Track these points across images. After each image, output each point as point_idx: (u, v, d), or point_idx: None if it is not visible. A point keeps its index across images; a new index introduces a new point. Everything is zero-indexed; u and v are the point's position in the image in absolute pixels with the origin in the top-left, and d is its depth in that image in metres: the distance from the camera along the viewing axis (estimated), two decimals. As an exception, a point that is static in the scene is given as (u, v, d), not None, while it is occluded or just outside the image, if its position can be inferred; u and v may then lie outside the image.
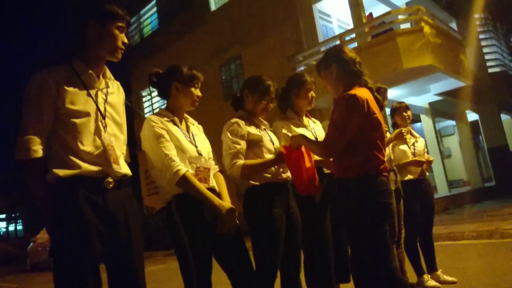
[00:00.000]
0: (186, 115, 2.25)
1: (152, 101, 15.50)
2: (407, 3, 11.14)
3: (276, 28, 10.71)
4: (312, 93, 2.72)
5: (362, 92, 2.00)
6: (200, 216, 1.99)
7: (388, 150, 3.25)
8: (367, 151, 1.99)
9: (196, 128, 2.27)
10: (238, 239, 2.10)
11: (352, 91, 1.99)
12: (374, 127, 2.01)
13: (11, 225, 21.44)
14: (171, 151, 1.99)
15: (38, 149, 1.60)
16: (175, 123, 2.11)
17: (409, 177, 3.54)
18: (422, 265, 3.51)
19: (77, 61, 1.75)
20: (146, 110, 15.64)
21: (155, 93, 15.11)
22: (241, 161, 2.28)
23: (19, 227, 21.15)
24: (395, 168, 3.36)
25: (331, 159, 2.16)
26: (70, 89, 1.66)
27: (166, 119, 2.09)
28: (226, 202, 2.04)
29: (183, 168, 1.97)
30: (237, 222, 2.04)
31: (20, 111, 1.65)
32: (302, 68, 9.80)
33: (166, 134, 2.03)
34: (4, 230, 21.47)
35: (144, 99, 15.78)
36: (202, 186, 1.99)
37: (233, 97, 2.56)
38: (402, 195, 3.35)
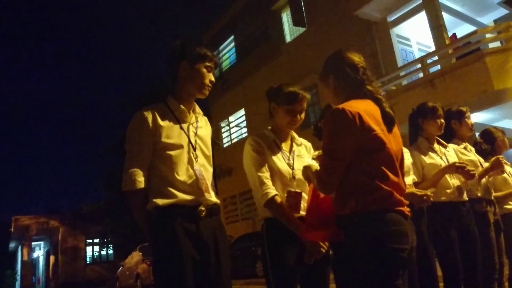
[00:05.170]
0: (294, 134, 2.22)
1: (230, 131, 16.04)
2: (495, 21, 10.41)
3: (352, 55, 10.55)
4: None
5: (354, 104, 1.58)
6: (285, 243, 1.96)
7: (484, 180, 2.99)
8: (365, 180, 1.52)
9: (303, 148, 2.22)
10: (325, 269, 2.01)
11: (341, 105, 1.58)
12: (373, 148, 1.54)
13: (103, 249, 23.03)
14: (264, 173, 2.00)
15: (141, 181, 1.78)
16: (276, 144, 2.12)
17: (509, 207, 3.21)
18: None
19: (170, 98, 1.94)
20: (224, 140, 16.20)
21: (233, 124, 15.67)
22: None
23: (110, 251, 22.66)
24: (493, 199, 3.07)
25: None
26: (166, 124, 1.84)
27: (266, 139, 2.10)
28: None
29: (272, 191, 1.96)
30: (324, 251, 1.94)
31: (122, 145, 1.82)
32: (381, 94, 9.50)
33: (262, 155, 2.04)
34: (97, 254, 23.13)
35: (222, 130, 16.39)
36: (288, 213, 1.95)
37: (315, 128, 2.45)
38: (503, 228, 3.04)
